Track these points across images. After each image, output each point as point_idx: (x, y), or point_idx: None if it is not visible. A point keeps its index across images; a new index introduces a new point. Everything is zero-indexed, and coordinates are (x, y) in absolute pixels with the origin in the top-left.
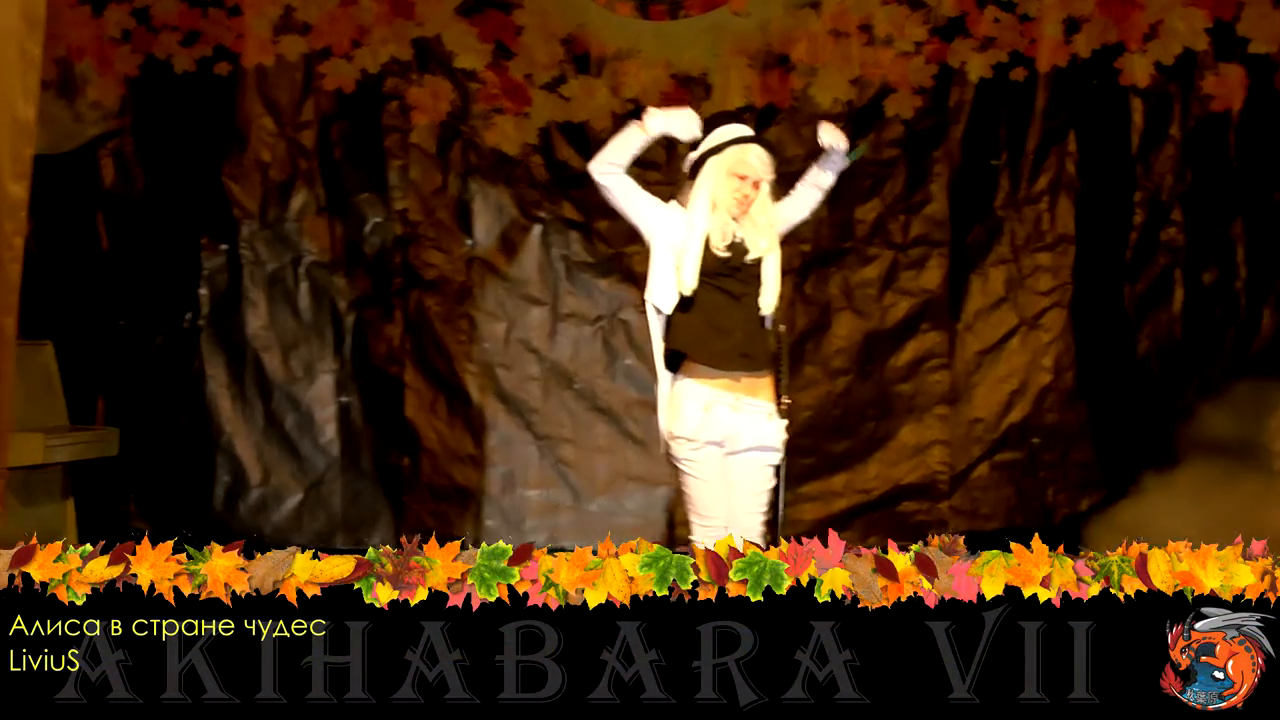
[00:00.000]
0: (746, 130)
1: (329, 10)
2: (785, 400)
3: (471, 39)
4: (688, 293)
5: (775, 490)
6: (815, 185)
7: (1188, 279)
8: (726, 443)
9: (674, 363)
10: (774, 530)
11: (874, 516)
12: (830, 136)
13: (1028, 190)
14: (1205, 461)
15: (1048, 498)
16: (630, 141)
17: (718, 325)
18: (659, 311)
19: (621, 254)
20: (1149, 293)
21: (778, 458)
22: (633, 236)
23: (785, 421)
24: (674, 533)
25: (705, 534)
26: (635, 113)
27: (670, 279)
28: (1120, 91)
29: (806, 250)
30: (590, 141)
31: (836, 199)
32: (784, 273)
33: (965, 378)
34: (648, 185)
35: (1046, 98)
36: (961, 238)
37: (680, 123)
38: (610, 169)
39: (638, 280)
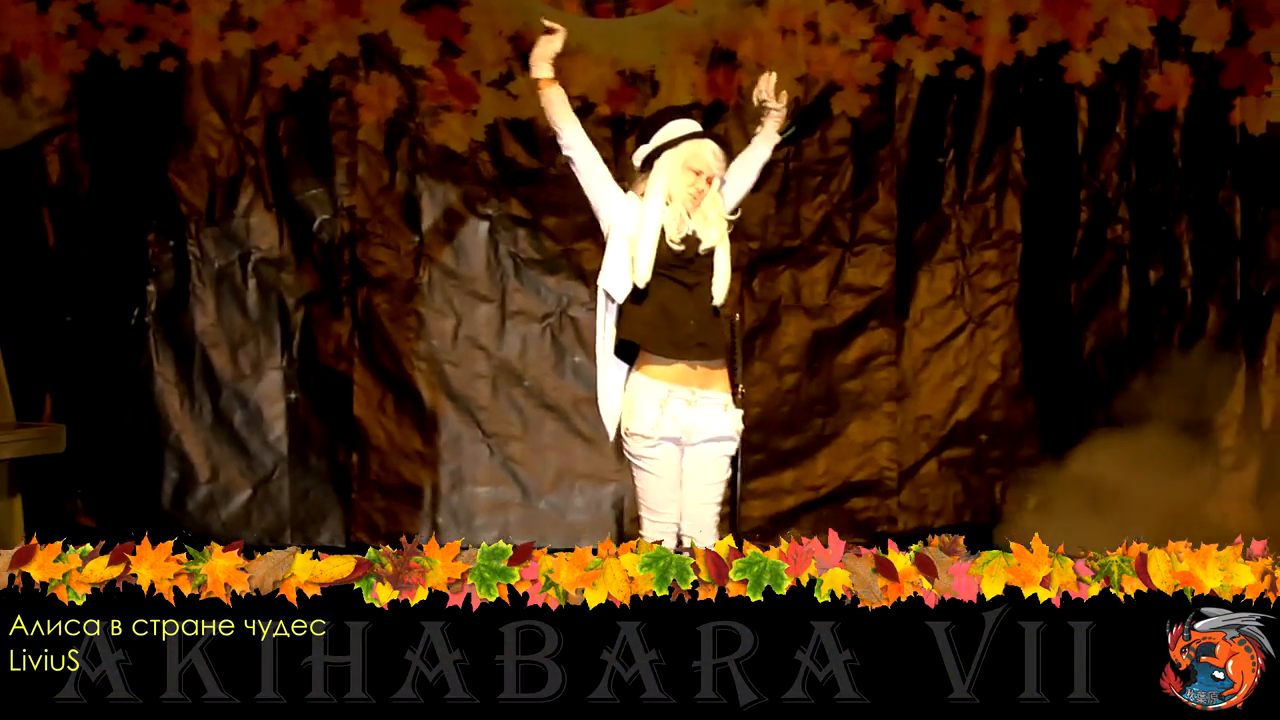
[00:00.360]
0: (698, 126)
1: (275, 7)
2: (741, 389)
3: (418, 36)
4: (642, 284)
5: (730, 482)
6: (752, 158)
7: (1134, 277)
8: (684, 437)
9: (626, 354)
10: (732, 521)
11: (823, 513)
12: (767, 87)
13: (974, 188)
14: (1150, 432)
15: (995, 495)
16: (554, 101)
17: (672, 315)
18: (610, 299)
19: (570, 251)
20: (1095, 290)
21: (734, 447)
22: (581, 233)
23: (741, 412)
24: (623, 529)
25: (656, 530)
26: (585, 109)
27: (624, 268)
28: (1066, 90)
29: (755, 248)
30: (537, 139)
31: (784, 197)
32: (732, 270)
33: (913, 375)
34: None
35: (992, 96)
36: (908, 235)
37: (545, 40)
38: (573, 139)
39: (586, 277)
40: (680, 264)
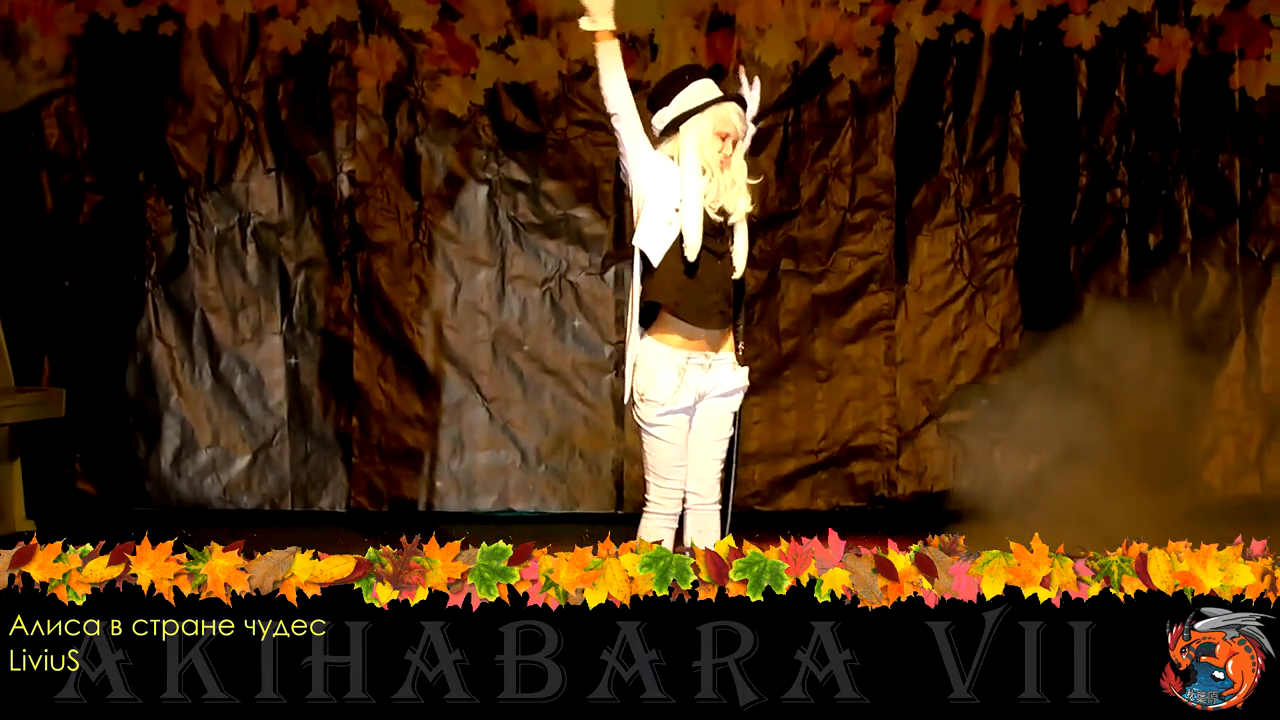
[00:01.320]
0: (716, 88)
1: None
2: (741, 346)
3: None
4: (693, 257)
5: (732, 440)
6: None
7: (1133, 241)
8: (699, 399)
9: (648, 315)
10: (727, 481)
11: (821, 477)
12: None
13: (974, 152)
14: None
15: (994, 459)
16: (612, 56)
17: (704, 282)
18: (645, 260)
19: (569, 215)
20: (1095, 254)
21: (739, 401)
22: (580, 198)
23: (746, 369)
24: (622, 494)
25: (661, 495)
26: (584, 73)
27: (661, 229)
28: (1065, 53)
29: (754, 213)
30: (537, 103)
31: (783, 162)
32: None
33: (912, 339)
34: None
35: (992, 59)
36: (907, 200)
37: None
38: (623, 98)
39: (585, 242)
40: (714, 232)
